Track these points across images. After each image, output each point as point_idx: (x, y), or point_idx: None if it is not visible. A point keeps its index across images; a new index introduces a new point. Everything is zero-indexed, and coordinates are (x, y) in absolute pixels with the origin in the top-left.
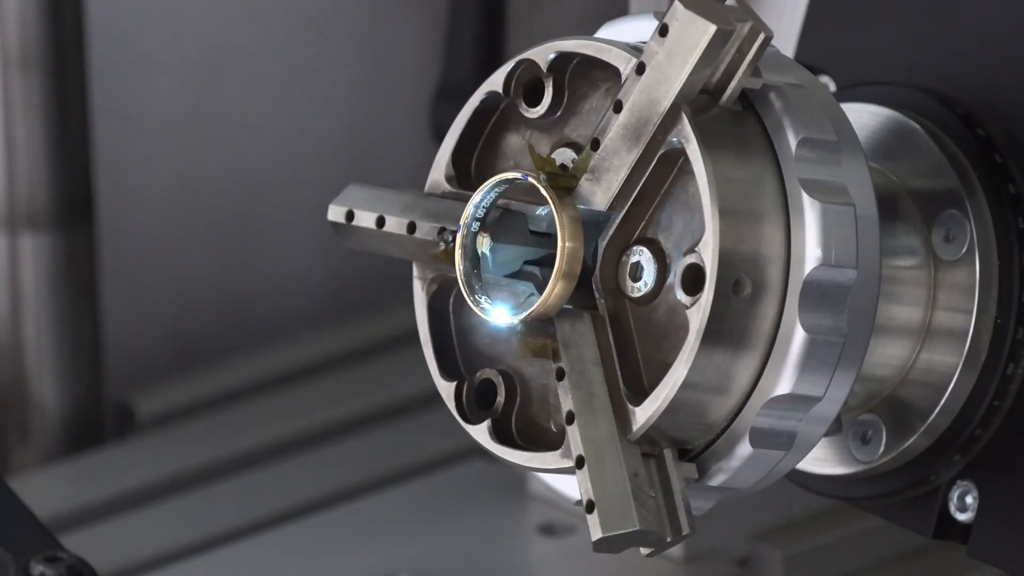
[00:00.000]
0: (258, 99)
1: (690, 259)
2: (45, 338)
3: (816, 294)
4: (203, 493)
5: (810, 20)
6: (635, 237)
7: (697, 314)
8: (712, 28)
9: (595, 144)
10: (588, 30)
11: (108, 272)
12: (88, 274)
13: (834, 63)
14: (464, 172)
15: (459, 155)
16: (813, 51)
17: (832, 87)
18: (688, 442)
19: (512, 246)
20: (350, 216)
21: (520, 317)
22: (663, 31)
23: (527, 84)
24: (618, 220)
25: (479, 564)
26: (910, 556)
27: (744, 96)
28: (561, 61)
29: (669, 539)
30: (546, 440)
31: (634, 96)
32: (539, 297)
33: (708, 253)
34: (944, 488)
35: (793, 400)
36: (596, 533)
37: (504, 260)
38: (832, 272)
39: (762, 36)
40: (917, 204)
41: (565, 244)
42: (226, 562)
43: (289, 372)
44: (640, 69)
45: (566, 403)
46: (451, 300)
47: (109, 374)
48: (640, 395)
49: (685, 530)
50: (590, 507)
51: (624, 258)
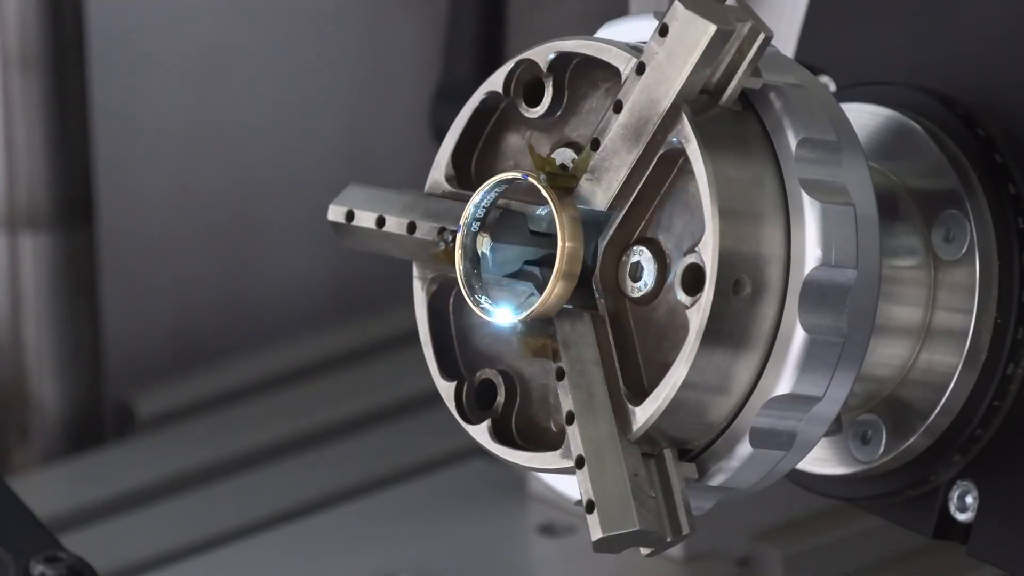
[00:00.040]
0: (258, 99)
1: (690, 259)
2: (45, 338)
3: (816, 294)
4: (203, 493)
5: (810, 20)
6: (635, 237)
7: (697, 314)
8: (712, 28)
9: (595, 144)
10: (588, 30)
11: (108, 272)
12: (88, 274)
13: (834, 63)
14: (464, 172)
15: (459, 155)
16: (813, 51)
17: (832, 87)
18: (688, 442)
19: (512, 246)
20: (350, 216)
21: (520, 317)
22: (663, 31)
23: (527, 84)
24: (618, 220)
25: (479, 564)
26: (910, 556)
27: (744, 96)
28: (561, 61)
29: (669, 539)
30: (546, 440)
31: (634, 96)
32: (539, 297)
33: (708, 253)
34: (944, 488)
35: (793, 400)
36: (596, 533)
37: (504, 260)
38: (832, 272)
39: (762, 36)
40: (917, 204)
41: (565, 244)
42: (226, 562)
43: (289, 372)
44: (640, 69)
45: (566, 403)
46: (451, 300)
47: (109, 374)
48: (640, 395)
49: (685, 530)
50: (590, 507)
51: (624, 258)
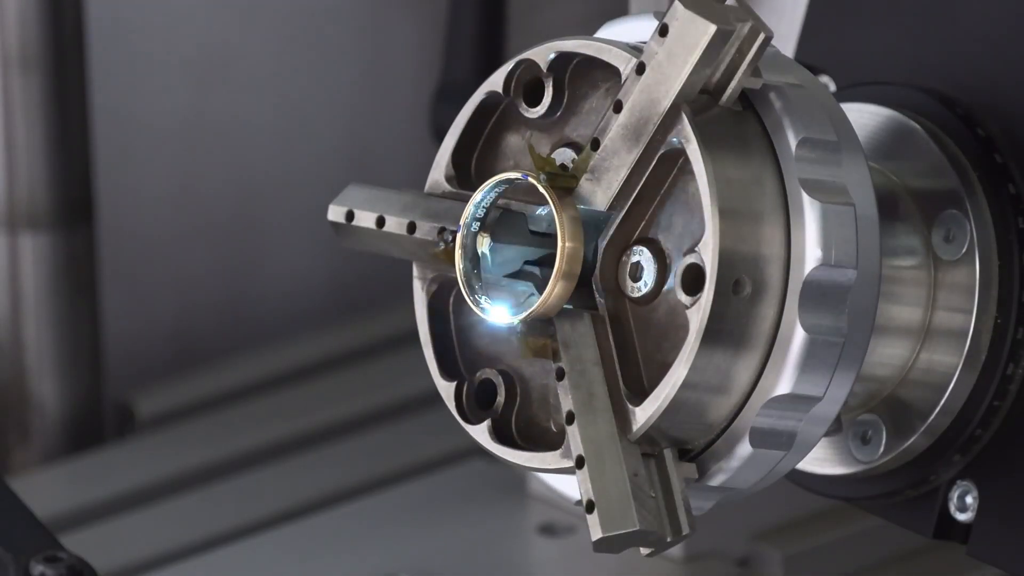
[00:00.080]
0: (258, 99)
1: (690, 259)
2: (45, 338)
3: (816, 294)
4: (203, 493)
5: (810, 20)
6: (635, 237)
7: (697, 314)
8: (712, 28)
9: (595, 144)
10: (588, 30)
11: (108, 272)
12: (88, 274)
13: (834, 63)
14: (464, 172)
15: (459, 155)
16: (813, 51)
17: (832, 87)
18: (688, 442)
19: (512, 246)
20: (350, 216)
21: (520, 317)
22: (663, 31)
23: (527, 84)
24: (618, 220)
25: (479, 564)
26: (910, 556)
27: (744, 96)
28: (561, 61)
29: (669, 539)
30: (546, 440)
31: (634, 96)
32: (539, 297)
33: (708, 253)
34: (944, 488)
35: (793, 400)
36: (596, 533)
37: (504, 260)
38: (832, 272)
39: (762, 36)
40: (917, 204)
41: (565, 244)
42: (226, 562)
43: (289, 372)
44: (640, 69)
45: (566, 403)
46: (451, 300)
47: (109, 374)
48: (640, 395)
49: (685, 530)
50: (590, 507)
51: (624, 258)
